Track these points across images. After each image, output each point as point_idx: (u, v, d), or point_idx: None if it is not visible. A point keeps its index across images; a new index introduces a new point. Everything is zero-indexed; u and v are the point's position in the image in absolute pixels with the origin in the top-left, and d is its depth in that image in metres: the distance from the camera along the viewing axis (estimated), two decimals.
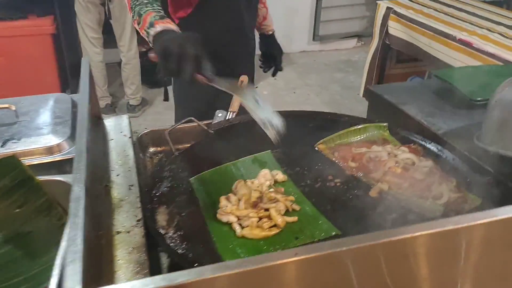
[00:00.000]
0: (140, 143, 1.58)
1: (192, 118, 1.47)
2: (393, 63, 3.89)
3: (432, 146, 1.35)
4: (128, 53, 3.91)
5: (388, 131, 1.45)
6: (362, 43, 5.96)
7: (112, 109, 4.14)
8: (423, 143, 1.37)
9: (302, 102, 4.57)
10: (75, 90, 4.52)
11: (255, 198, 1.10)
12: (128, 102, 4.11)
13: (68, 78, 4.33)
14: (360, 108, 1.80)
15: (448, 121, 1.47)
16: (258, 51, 2.21)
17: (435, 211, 1.08)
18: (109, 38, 4.03)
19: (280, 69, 2.18)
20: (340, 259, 0.68)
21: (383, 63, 3.73)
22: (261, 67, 2.19)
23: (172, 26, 1.33)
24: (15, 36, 3.77)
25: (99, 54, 3.84)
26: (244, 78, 1.77)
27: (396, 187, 1.17)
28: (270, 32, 2.17)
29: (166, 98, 2.12)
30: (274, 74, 2.20)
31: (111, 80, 4.58)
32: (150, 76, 4.46)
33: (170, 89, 2.17)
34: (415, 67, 3.87)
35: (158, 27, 1.31)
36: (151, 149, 1.63)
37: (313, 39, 5.79)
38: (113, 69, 4.46)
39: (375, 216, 1.09)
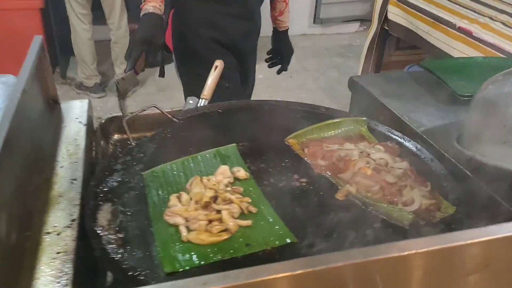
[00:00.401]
0: (103, 130, 1.49)
1: (155, 105, 1.36)
2: (392, 50, 3.75)
3: (410, 145, 1.25)
4: (118, 31, 3.79)
5: (366, 126, 1.34)
6: (365, 27, 5.78)
7: (102, 88, 4.03)
8: (401, 141, 1.27)
9: (298, 88, 4.45)
10: (65, 68, 4.42)
11: (208, 198, 1.01)
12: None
13: (57, 55, 4.22)
14: None
15: (432, 118, 1.37)
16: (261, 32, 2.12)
17: (403, 219, 0.98)
18: (101, 14, 3.90)
19: (285, 69, 2.12)
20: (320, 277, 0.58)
21: (381, 50, 3.59)
22: (266, 61, 2.12)
23: (152, 6, 1.54)
24: (2, 10, 3.64)
25: (87, 31, 3.72)
26: (219, 63, 1.66)
27: (365, 190, 1.07)
28: (283, 29, 2.07)
29: (161, 74, 2.06)
30: (278, 72, 2.13)
31: (103, 58, 4.46)
32: None
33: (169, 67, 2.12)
34: (415, 55, 3.73)
35: (142, 11, 1.56)
36: (116, 137, 1.54)
37: (314, 22, 5.63)
38: (106, 46, 4.33)
39: (338, 221, 0.99)
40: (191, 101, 1.55)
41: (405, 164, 1.13)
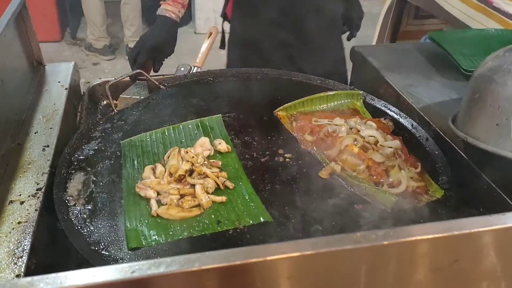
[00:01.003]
0: (90, 95, 1.45)
1: (141, 71, 1.31)
2: (410, 19, 3.57)
3: (406, 122, 1.18)
4: None
5: (361, 100, 1.27)
6: None
7: (111, 50, 3.98)
8: (397, 117, 1.19)
9: None
10: (75, 29, 4.37)
11: (183, 171, 0.96)
12: (127, 45, 3.94)
13: (67, 15, 4.16)
14: None
15: (433, 94, 1.27)
16: None
17: (386, 202, 0.92)
18: None
19: (354, 36, 1.81)
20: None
21: (398, 18, 3.42)
22: None
23: (170, 10, 1.45)
24: None
25: None
26: (213, 30, 1.58)
27: (350, 169, 1.01)
28: None
29: (222, 46, 1.81)
30: (349, 39, 1.82)
31: (113, 19, 4.39)
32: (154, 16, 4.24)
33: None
34: (434, 25, 3.55)
35: (159, 10, 1.48)
36: (105, 102, 1.50)
37: None
38: (116, 7, 4.24)
39: (318, 201, 0.94)
40: (182, 68, 1.50)
41: (396, 143, 1.07)
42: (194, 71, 1.46)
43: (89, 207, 0.90)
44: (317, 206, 0.93)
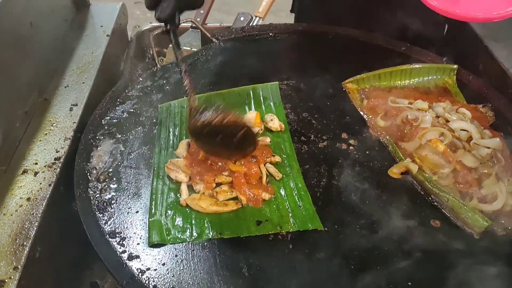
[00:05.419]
0: (139, 42, 1.31)
1: (193, 19, 1.13)
2: None
3: None
4: None
5: (455, 77, 1.02)
6: None
7: None
8: (500, 105, 0.94)
9: None
10: None
11: None
12: None
13: None
14: None
15: None
16: None
17: (474, 225, 0.72)
18: None
19: None
20: None
21: None
22: None
23: None
24: None
25: None
26: None
27: (430, 170, 0.80)
28: None
29: (293, 10, 1.51)
30: None
31: None
32: None
33: None
34: None
35: None
36: (157, 49, 1.35)
37: None
38: None
39: (383, 209, 0.76)
40: (242, 18, 1.30)
41: (496, 142, 0.83)
42: (254, 23, 1.26)
43: (112, 185, 0.78)
44: (381, 217, 0.74)
